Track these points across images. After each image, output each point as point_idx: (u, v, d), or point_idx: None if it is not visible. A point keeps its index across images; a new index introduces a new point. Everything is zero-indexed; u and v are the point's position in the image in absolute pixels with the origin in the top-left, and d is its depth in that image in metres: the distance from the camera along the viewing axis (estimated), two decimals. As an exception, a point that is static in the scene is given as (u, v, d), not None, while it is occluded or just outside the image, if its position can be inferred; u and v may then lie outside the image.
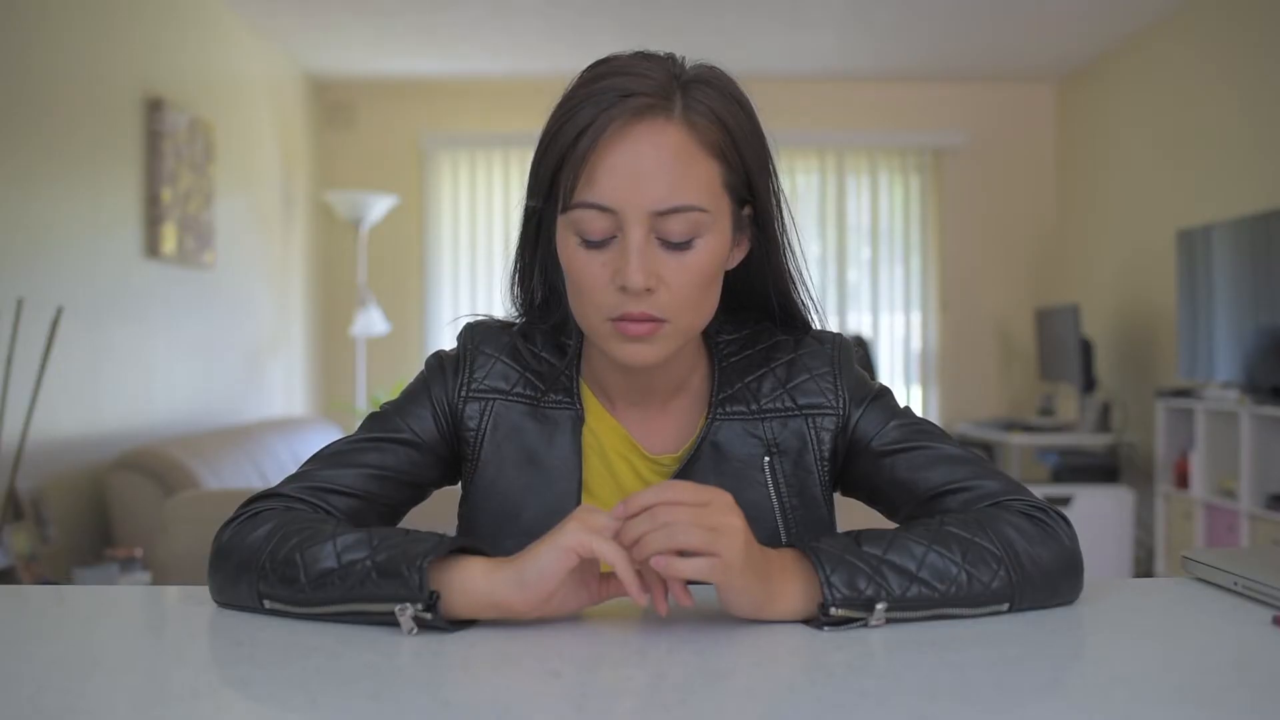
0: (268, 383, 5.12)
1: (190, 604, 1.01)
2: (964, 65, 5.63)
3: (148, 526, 3.28)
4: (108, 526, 3.49)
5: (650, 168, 0.95)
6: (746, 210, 1.05)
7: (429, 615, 0.87)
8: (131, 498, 3.37)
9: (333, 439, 4.58)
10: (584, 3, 4.64)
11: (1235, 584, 1.00)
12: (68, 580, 3.21)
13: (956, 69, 5.70)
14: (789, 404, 1.09)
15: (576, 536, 0.86)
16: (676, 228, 0.97)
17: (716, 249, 1.00)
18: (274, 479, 3.88)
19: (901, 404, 1.12)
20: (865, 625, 0.89)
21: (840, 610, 0.88)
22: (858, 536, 0.93)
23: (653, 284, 0.97)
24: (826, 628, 0.89)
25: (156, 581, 2.97)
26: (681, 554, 0.85)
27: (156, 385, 3.98)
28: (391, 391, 5.58)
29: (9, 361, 2.78)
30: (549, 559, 0.86)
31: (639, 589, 0.86)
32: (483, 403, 1.09)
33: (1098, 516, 4.54)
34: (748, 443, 1.08)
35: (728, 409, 1.08)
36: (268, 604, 0.93)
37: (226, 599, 0.97)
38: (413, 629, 0.87)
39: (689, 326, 1.01)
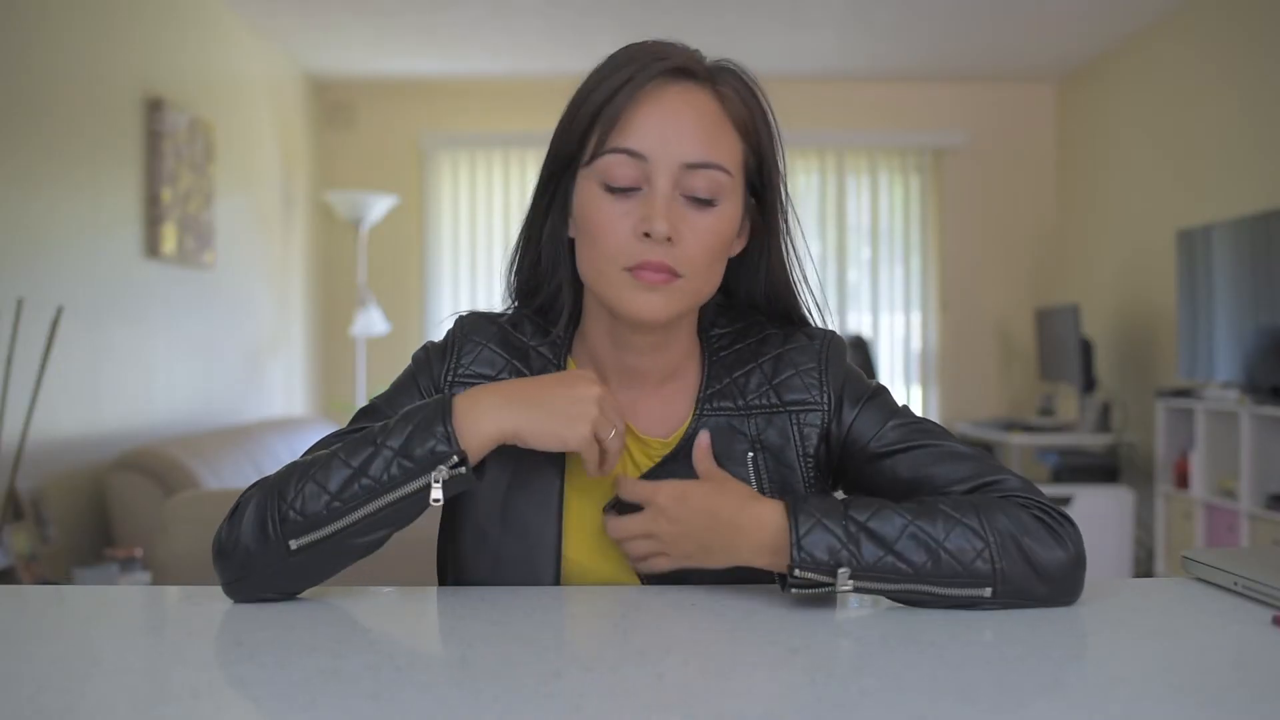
0: (268, 383, 5.12)
1: (190, 604, 1.01)
2: (964, 65, 5.63)
3: (148, 526, 3.28)
4: (108, 526, 3.49)
5: (684, 122, 1.01)
6: (752, 201, 1.08)
7: (463, 470, 0.94)
8: (131, 498, 3.37)
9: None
10: (584, 3, 4.65)
11: (1235, 584, 1.00)
12: (68, 580, 3.21)
13: (956, 69, 5.70)
14: (774, 400, 1.09)
15: (592, 428, 0.99)
16: (701, 184, 1.01)
17: (731, 217, 1.04)
18: (274, 479, 3.88)
19: (900, 403, 1.12)
20: (833, 590, 0.92)
21: (805, 572, 0.91)
22: (848, 501, 0.96)
23: (674, 235, 0.99)
24: (794, 589, 0.92)
25: (156, 581, 2.97)
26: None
27: (156, 385, 3.98)
28: (391, 391, 5.59)
29: (9, 361, 2.78)
30: (570, 433, 0.98)
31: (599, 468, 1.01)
32: (468, 388, 1.09)
33: (1098, 516, 4.54)
34: (733, 438, 1.08)
35: (715, 405, 1.09)
36: (295, 544, 0.95)
37: (241, 574, 0.97)
38: (439, 500, 0.95)
39: (696, 290, 1.04)
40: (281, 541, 0.95)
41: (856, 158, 5.95)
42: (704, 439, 1.02)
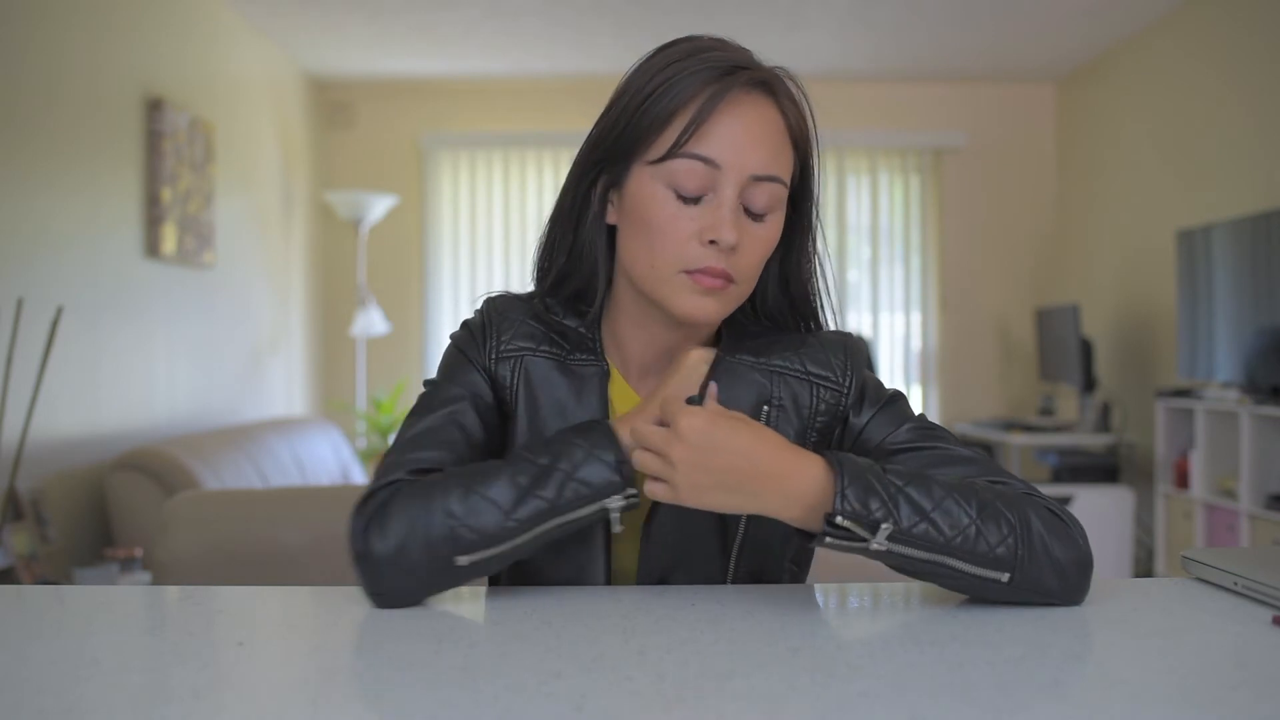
0: (268, 383, 5.12)
1: (190, 604, 1.01)
2: (964, 65, 5.63)
3: (148, 526, 3.28)
4: (108, 526, 3.49)
5: (757, 135, 1.02)
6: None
7: (635, 496, 0.97)
8: (131, 498, 3.37)
9: (333, 439, 4.52)
10: (584, 3, 4.64)
11: (1235, 584, 1.00)
12: (68, 580, 3.21)
13: (956, 69, 5.70)
14: (798, 366, 1.11)
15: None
16: (761, 198, 1.03)
17: (780, 225, 1.07)
18: (274, 479, 3.88)
19: (915, 411, 1.14)
20: (867, 549, 0.91)
21: (846, 521, 0.90)
22: (885, 465, 0.96)
23: (736, 243, 1.02)
24: (829, 540, 0.91)
25: (156, 581, 2.96)
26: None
27: (156, 385, 3.98)
28: (392, 391, 5.59)
29: (9, 361, 2.78)
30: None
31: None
32: (513, 360, 1.10)
33: (1098, 516, 4.54)
34: (749, 389, 1.09)
35: (736, 356, 1.10)
36: (465, 560, 0.95)
37: (407, 586, 0.96)
38: (619, 530, 0.99)
39: (743, 294, 1.06)
40: (449, 558, 0.96)
41: (856, 158, 5.95)
42: (713, 388, 1.01)
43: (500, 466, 0.99)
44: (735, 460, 0.92)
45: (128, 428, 3.74)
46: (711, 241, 1.01)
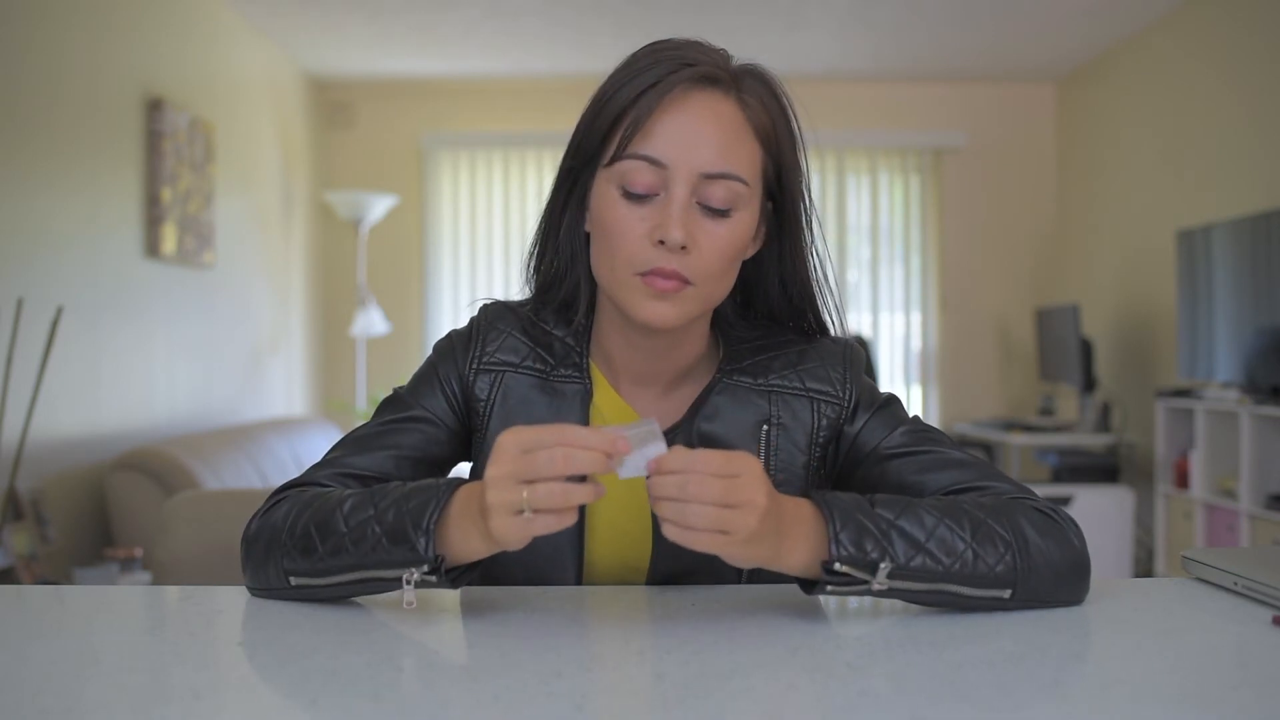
0: (268, 383, 5.12)
1: (190, 604, 1.01)
2: (964, 65, 5.63)
3: (148, 526, 3.28)
4: (108, 526, 3.49)
5: (705, 132, 1.00)
6: (769, 205, 1.08)
7: (434, 578, 0.89)
8: (131, 498, 3.37)
9: (333, 439, 4.55)
10: (584, 3, 4.64)
11: (1235, 584, 1.00)
12: (68, 580, 3.21)
13: (956, 69, 5.70)
14: (797, 384, 1.10)
15: (510, 531, 0.83)
16: (718, 194, 1.00)
17: (748, 226, 1.03)
18: (274, 479, 3.88)
19: (910, 413, 1.13)
20: (869, 589, 0.89)
21: (844, 566, 0.88)
22: (872, 498, 0.93)
23: (689, 243, 0.99)
24: (830, 587, 0.89)
25: (156, 581, 2.96)
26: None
27: (156, 385, 3.98)
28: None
29: (9, 361, 2.78)
30: (512, 535, 0.84)
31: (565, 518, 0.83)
32: (493, 375, 1.10)
33: (1098, 516, 4.54)
34: (748, 409, 1.08)
35: (734, 378, 1.10)
36: (294, 580, 0.96)
37: (260, 584, 0.99)
38: (412, 603, 0.90)
39: (708, 296, 1.03)
40: (283, 575, 0.97)
41: (856, 158, 5.95)
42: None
43: (345, 500, 0.95)
44: (767, 518, 0.85)
45: (128, 428, 3.73)
46: (661, 242, 0.99)
